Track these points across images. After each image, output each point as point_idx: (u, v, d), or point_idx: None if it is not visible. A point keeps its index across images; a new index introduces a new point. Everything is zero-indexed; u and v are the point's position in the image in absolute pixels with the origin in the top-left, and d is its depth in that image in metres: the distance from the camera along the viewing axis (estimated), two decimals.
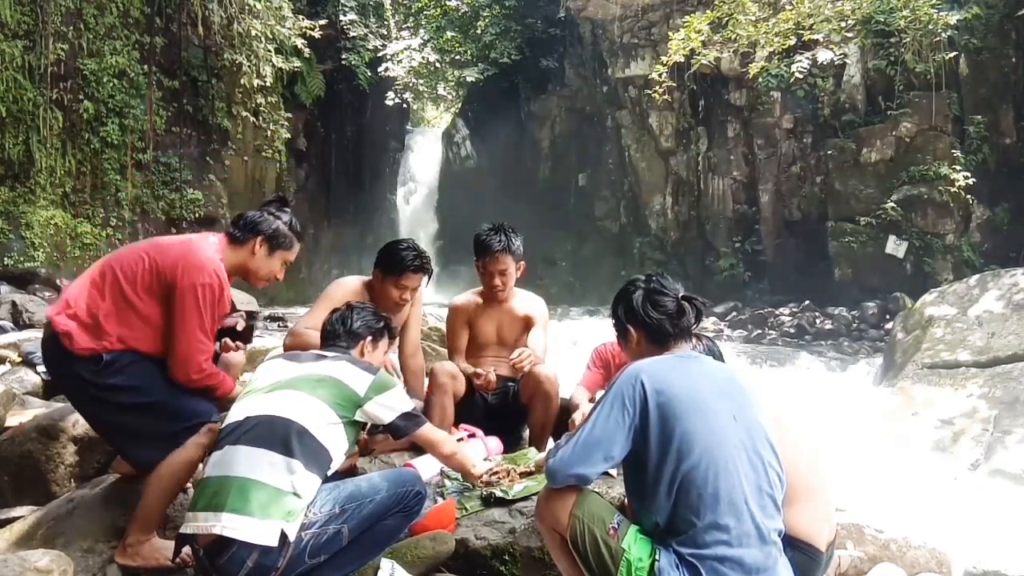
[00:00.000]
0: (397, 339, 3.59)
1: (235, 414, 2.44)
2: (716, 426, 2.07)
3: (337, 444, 2.44)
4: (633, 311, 2.34)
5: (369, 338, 2.84)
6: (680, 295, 2.34)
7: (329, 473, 2.43)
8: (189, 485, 2.87)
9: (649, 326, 2.32)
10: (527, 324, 3.89)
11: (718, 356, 2.83)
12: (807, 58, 12.63)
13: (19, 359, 5.04)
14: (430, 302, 4.06)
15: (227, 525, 2.15)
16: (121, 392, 2.60)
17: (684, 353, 2.30)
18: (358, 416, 2.52)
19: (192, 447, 2.63)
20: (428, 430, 2.73)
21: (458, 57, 18.90)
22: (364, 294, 3.52)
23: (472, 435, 3.49)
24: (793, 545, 2.29)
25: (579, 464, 2.11)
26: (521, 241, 3.82)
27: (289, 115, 15.79)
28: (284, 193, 16.37)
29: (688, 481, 2.01)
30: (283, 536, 2.18)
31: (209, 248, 2.72)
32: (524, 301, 3.96)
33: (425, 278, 3.55)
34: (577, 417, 3.32)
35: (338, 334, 2.80)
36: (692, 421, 2.06)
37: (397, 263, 3.46)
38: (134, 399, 2.62)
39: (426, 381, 3.76)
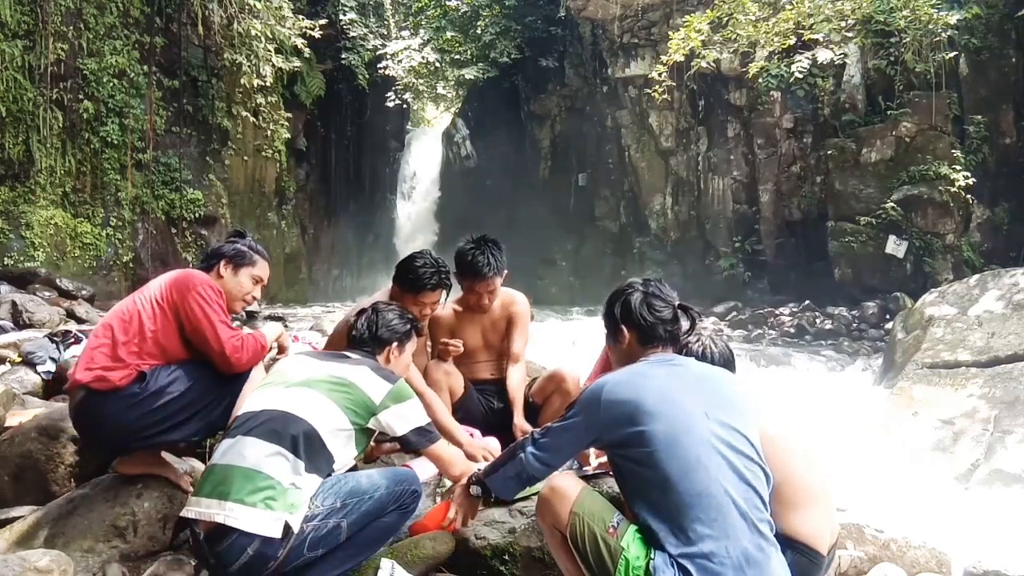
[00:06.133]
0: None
1: (251, 404, 2.46)
2: (688, 425, 2.09)
3: (344, 451, 2.44)
4: (630, 311, 2.38)
5: (395, 344, 2.82)
6: (676, 304, 2.41)
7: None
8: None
9: (642, 327, 2.36)
10: (510, 322, 3.84)
11: (728, 359, 2.81)
12: (807, 58, 12.61)
13: (19, 359, 5.02)
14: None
15: (230, 514, 2.17)
16: (165, 392, 2.69)
17: (658, 357, 2.34)
18: (371, 424, 2.51)
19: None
20: (441, 447, 2.67)
21: (458, 57, 18.88)
22: None
23: (470, 435, 3.48)
24: (795, 548, 2.29)
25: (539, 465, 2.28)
26: (503, 251, 3.68)
27: (289, 115, 15.80)
28: (285, 190, 16.46)
29: (666, 482, 2.02)
30: (287, 527, 2.19)
31: (193, 271, 2.93)
32: (504, 300, 3.85)
33: (444, 293, 3.46)
34: None
35: (364, 339, 2.80)
36: (662, 424, 2.08)
37: (414, 281, 3.35)
38: (177, 389, 2.72)
39: None
